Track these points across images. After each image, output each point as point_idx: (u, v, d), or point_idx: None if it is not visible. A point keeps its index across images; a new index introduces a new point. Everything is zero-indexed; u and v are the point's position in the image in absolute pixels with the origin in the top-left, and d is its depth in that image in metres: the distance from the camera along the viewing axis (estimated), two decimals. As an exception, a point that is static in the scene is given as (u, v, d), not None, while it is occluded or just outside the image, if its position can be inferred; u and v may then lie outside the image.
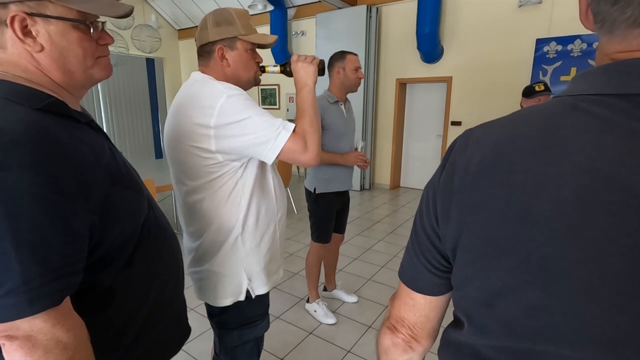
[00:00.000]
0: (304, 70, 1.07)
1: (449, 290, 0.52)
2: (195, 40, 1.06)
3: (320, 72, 1.11)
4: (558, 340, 0.37)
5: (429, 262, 0.51)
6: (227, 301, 1.07)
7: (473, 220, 0.42)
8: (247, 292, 1.08)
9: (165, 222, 0.77)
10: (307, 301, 2.32)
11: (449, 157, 0.47)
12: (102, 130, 0.66)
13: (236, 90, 0.95)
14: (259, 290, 1.10)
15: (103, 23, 0.64)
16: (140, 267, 0.66)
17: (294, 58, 1.08)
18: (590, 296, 0.35)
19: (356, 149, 2.05)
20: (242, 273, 1.06)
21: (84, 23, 0.59)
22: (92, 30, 0.60)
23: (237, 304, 1.08)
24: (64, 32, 0.57)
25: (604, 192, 0.34)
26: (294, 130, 0.96)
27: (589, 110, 0.37)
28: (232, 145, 0.94)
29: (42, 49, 0.56)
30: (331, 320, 2.19)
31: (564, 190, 0.35)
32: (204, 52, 1.04)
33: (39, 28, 0.55)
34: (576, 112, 0.38)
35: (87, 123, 0.62)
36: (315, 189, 2.03)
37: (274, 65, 1.13)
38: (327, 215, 2.09)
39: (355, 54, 1.98)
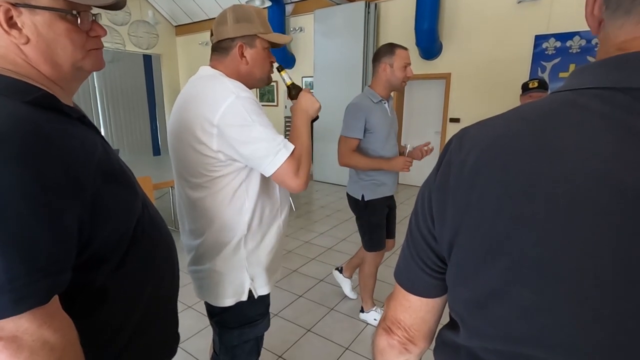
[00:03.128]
0: (310, 101, 1.07)
1: (446, 292, 0.51)
2: (212, 35, 1.03)
3: (314, 118, 1.12)
4: (550, 344, 0.37)
5: (425, 264, 0.50)
6: (228, 301, 1.05)
7: (468, 219, 0.41)
8: (249, 292, 1.07)
9: (160, 221, 0.75)
10: (362, 311, 2.19)
11: (445, 157, 0.46)
12: (95, 127, 0.65)
13: (247, 92, 0.93)
14: (261, 290, 1.08)
15: (95, 15, 0.61)
16: (134, 267, 0.65)
17: (306, 89, 1.11)
18: (582, 299, 0.34)
19: (402, 153, 1.89)
20: (245, 273, 1.05)
21: (71, 13, 0.56)
22: (79, 21, 0.58)
23: (239, 304, 1.07)
24: (50, 23, 0.55)
25: (598, 191, 0.33)
26: (292, 152, 0.94)
27: (587, 105, 0.36)
28: (232, 149, 0.92)
29: (28, 40, 0.54)
30: None
31: (557, 190, 0.35)
32: (221, 48, 1.01)
33: (25, 19, 0.53)
34: (573, 109, 0.37)
35: (79, 118, 0.60)
36: (363, 196, 1.89)
37: (290, 77, 1.14)
38: (380, 221, 1.96)
39: (406, 49, 1.78)
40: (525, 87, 2.29)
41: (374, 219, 1.95)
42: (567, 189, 0.34)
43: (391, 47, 1.76)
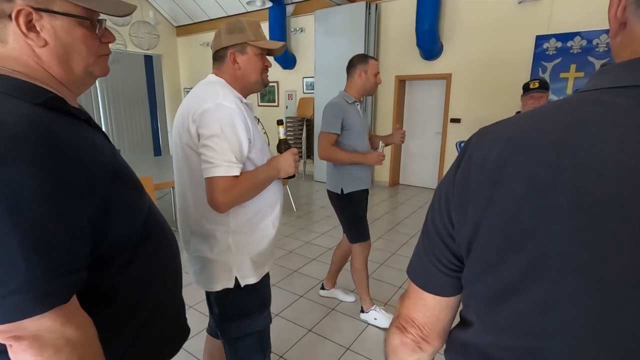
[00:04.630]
0: (288, 165, 1.16)
1: (460, 291, 0.51)
2: (212, 48, 1.16)
3: (288, 177, 1.21)
4: (569, 338, 0.37)
5: (440, 262, 0.50)
6: (217, 286, 1.11)
7: (490, 214, 0.41)
8: (237, 280, 1.11)
9: (163, 222, 0.76)
10: (362, 311, 2.21)
11: (465, 153, 0.46)
12: (100, 128, 0.66)
13: (231, 103, 1.01)
14: (247, 280, 1.12)
15: (104, 21, 0.63)
16: (139, 267, 0.65)
17: (293, 150, 1.20)
18: (605, 291, 0.34)
19: (376, 149, 2.06)
20: (231, 261, 1.10)
21: (90, 20, 0.59)
22: (97, 28, 0.60)
23: (230, 293, 1.11)
24: (69, 29, 0.57)
25: (626, 185, 0.33)
26: (233, 176, 1.00)
27: (612, 102, 0.36)
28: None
29: (46, 44, 0.56)
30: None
31: (583, 184, 0.34)
32: (218, 57, 1.14)
33: (44, 23, 0.55)
34: (598, 106, 0.37)
35: (86, 120, 0.61)
36: (342, 190, 2.01)
37: (285, 134, 1.28)
38: (362, 211, 2.09)
39: (376, 59, 2.02)
40: (526, 88, 2.29)
41: (358, 210, 2.07)
42: (593, 182, 0.34)
43: (365, 57, 1.98)
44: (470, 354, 0.47)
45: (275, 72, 6.55)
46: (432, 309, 0.53)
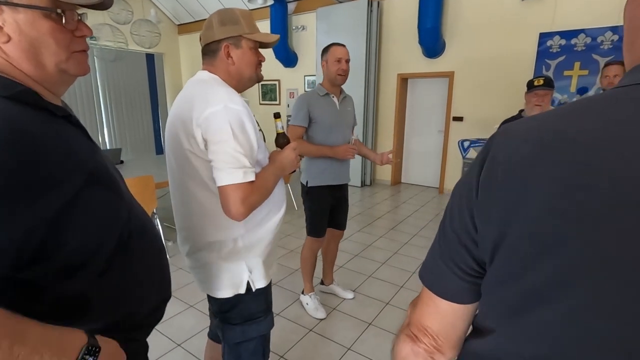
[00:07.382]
0: (290, 161, 1.11)
1: (478, 299, 0.49)
2: (200, 40, 1.08)
3: (290, 173, 1.17)
4: (602, 349, 0.35)
5: (459, 268, 0.47)
6: (227, 292, 1.07)
7: (518, 218, 0.39)
8: (248, 285, 1.08)
9: (150, 225, 0.72)
10: (302, 293, 2.33)
11: (489, 152, 0.43)
12: (83, 127, 0.63)
13: (237, 104, 0.95)
14: (259, 283, 1.10)
15: (81, 14, 0.59)
16: (118, 275, 0.61)
17: (293, 145, 1.15)
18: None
19: (349, 142, 2.07)
20: (243, 265, 1.07)
21: (55, 12, 0.55)
22: (64, 20, 0.56)
23: (240, 298, 1.08)
24: (33, 22, 0.53)
25: None
26: (249, 182, 0.94)
27: None
28: (208, 150, 0.96)
29: (9, 39, 0.53)
30: (321, 314, 2.20)
31: (621, 186, 0.33)
32: (210, 51, 1.06)
33: (6, 17, 0.52)
34: (632, 103, 0.35)
35: (65, 117, 0.58)
36: (307, 182, 2.05)
37: (282, 127, 1.19)
38: (319, 208, 2.09)
39: (342, 45, 1.95)
40: (530, 85, 2.26)
41: (314, 206, 2.09)
42: (631, 184, 0.32)
43: (328, 46, 1.96)
44: None
45: (277, 70, 6.53)
46: (447, 317, 0.50)
